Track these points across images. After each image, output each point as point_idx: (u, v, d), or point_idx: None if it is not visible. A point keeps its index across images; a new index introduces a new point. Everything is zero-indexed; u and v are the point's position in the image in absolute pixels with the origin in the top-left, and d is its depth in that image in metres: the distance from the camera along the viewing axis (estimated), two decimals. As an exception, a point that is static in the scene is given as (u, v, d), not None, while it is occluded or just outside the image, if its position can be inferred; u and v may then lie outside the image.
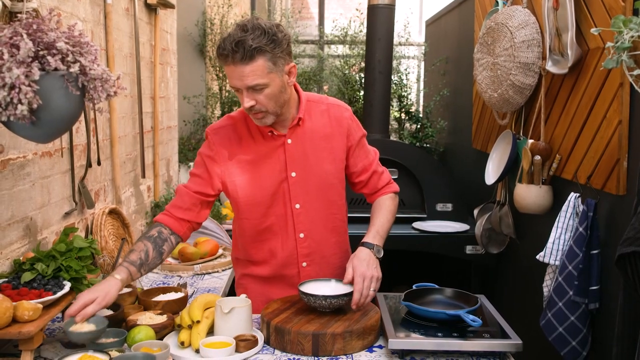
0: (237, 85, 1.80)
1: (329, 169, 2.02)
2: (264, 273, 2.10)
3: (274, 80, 1.80)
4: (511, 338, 1.72)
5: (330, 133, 2.02)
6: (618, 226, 2.05)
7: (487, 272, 3.64)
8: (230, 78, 1.81)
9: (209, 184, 1.99)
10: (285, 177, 1.98)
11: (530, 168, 2.55)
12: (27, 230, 1.99)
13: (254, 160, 1.98)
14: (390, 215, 2.10)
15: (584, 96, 2.27)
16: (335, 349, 1.74)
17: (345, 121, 2.05)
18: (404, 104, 4.97)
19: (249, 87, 1.78)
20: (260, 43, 1.73)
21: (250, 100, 1.80)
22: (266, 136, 1.97)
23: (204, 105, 4.91)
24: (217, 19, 4.94)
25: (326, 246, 2.09)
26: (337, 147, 2.03)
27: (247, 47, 1.72)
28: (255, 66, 1.75)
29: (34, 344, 1.58)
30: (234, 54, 1.73)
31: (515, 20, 2.64)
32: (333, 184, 2.03)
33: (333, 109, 2.05)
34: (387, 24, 3.85)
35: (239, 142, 1.98)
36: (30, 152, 1.99)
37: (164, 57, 3.57)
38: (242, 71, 1.75)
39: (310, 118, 2.01)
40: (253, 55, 1.73)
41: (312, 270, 2.08)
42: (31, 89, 1.35)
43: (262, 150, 1.98)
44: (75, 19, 2.29)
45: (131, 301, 2.03)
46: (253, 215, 2.02)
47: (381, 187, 2.14)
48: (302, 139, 1.99)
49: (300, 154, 1.99)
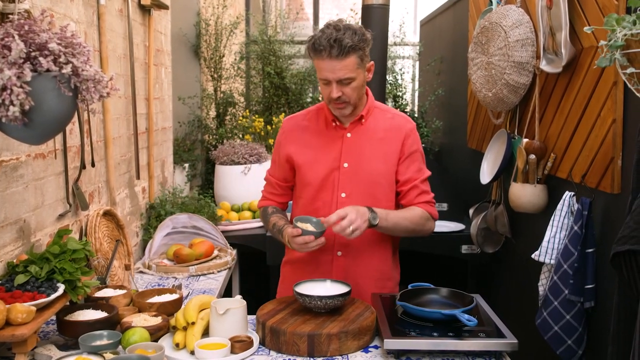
0: (328, 77, 2.00)
1: (379, 167, 2.12)
2: (302, 256, 2.17)
3: (360, 75, 2.03)
4: (507, 337, 1.72)
5: (388, 137, 2.15)
6: (613, 225, 2.05)
7: (483, 272, 3.64)
8: (322, 71, 2.00)
9: (284, 167, 2.22)
10: (337, 167, 2.12)
11: (525, 167, 2.55)
12: (20, 232, 1.98)
13: (315, 145, 2.16)
14: (408, 218, 2.12)
15: (578, 95, 2.28)
16: (330, 350, 1.74)
17: (405, 130, 2.17)
18: (399, 104, 4.97)
19: (340, 79, 1.98)
20: (354, 42, 1.95)
21: (338, 92, 2.01)
22: (330, 126, 2.16)
23: (199, 106, 4.90)
24: (211, 20, 4.93)
25: (364, 241, 2.13)
26: (390, 152, 2.14)
27: (344, 45, 1.93)
28: (348, 62, 1.97)
29: (28, 346, 1.57)
30: (330, 49, 1.94)
31: (509, 19, 2.64)
32: (381, 183, 2.11)
33: (398, 118, 2.21)
34: (381, 24, 3.84)
35: (306, 128, 2.20)
36: (23, 154, 1.98)
37: (158, 58, 3.56)
38: (335, 65, 1.96)
39: (373, 120, 2.17)
40: (348, 53, 1.95)
41: (345, 261, 2.14)
42: (23, 90, 1.34)
43: (323, 138, 2.16)
44: (68, 20, 2.28)
45: (126, 303, 2.02)
46: (305, 195, 2.17)
47: (417, 203, 2.17)
48: (361, 135, 2.14)
49: (356, 148, 2.13)
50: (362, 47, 1.99)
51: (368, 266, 2.15)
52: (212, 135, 4.85)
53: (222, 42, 4.91)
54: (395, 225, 2.08)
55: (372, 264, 2.16)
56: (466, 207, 3.54)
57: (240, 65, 5.16)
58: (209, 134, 4.88)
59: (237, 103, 5.05)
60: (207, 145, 4.82)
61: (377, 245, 2.17)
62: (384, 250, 2.20)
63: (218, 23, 4.89)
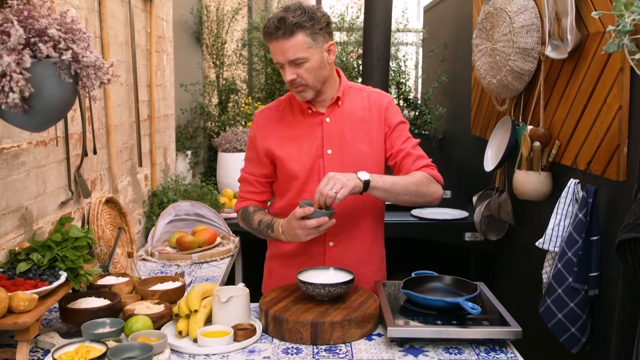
0: (279, 60, 1.95)
1: (364, 149, 2.06)
2: (291, 249, 2.12)
3: (314, 55, 1.94)
4: (510, 325, 1.71)
5: (368, 117, 2.09)
6: (618, 212, 2.04)
7: (487, 259, 3.64)
8: (274, 54, 1.96)
9: (264, 163, 2.13)
10: (321, 154, 2.06)
11: (530, 154, 2.53)
12: (22, 220, 1.97)
13: (293, 136, 2.08)
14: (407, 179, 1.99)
15: (584, 81, 2.25)
16: (334, 338, 1.73)
17: (384, 105, 2.11)
18: (402, 91, 4.94)
19: (290, 61, 1.93)
20: (299, 19, 1.90)
21: (292, 74, 1.95)
22: (306, 113, 2.08)
23: (201, 93, 4.88)
24: (212, 6, 4.89)
25: (356, 229, 2.10)
26: (374, 130, 2.08)
27: (288, 23, 1.89)
28: (295, 41, 1.91)
29: (30, 334, 1.57)
30: (276, 30, 1.90)
31: (514, 5, 2.62)
32: (367, 164, 2.03)
33: (374, 95, 2.14)
34: (384, 10, 3.81)
35: (281, 119, 2.11)
36: (24, 141, 1.97)
37: (160, 45, 3.54)
38: (283, 46, 1.91)
39: (350, 101, 2.10)
40: (293, 31, 1.90)
41: (337, 251, 2.09)
42: (22, 77, 1.33)
43: (301, 127, 2.08)
44: (68, 6, 2.26)
45: (128, 290, 2.02)
46: (291, 188, 2.09)
47: (416, 169, 2.06)
48: (340, 118, 2.07)
49: (337, 133, 2.06)
50: (311, 25, 1.91)
51: (359, 252, 2.11)
52: (215, 123, 4.84)
53: (224, 29, 4.88)
54: (393, 184, 1.93)
55: (363, 250, 2.12)
56: (470, 195, 3.53)
57: (242, 52, 5.13)
58: (211, 121, 4.86)
59: (240, 90, 5.03)
60: (209, 132, 4.81)
61: (368, 231, 2.12)
62: (375, 234, 2.15)
63: (219, 9, 4.85)
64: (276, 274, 2.19)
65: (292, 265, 2.10)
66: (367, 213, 2.11)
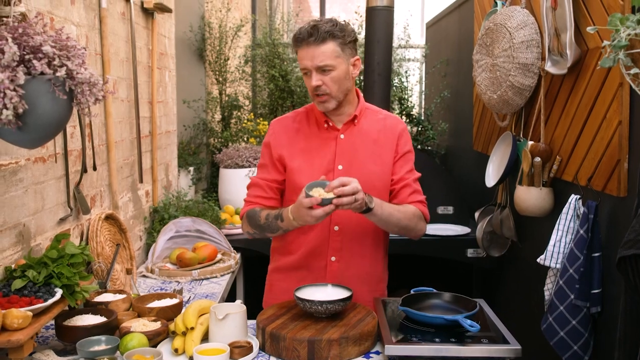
0: (307, 65, 1.99)
1: (374, 169, 2.09)
2: (293, 262, 2.12)
3: (341, 65, 2.00)
4: (510, 343, 1.69)
5: (381, 139, 2.13)
6: (619, 228, 2.02)
7: (489, 276, 3.61)
8: (302, 59, 2.00)
9: (277, 168, 2.14)
10: (332, 169, 2.08)
11: (531, 170, 2.52)
12: (20, 236, 1.97)
13: (308, 148, 2.11)
14: (402, 212, 2.05)
15: (584, 97, 2.24)
16: (331, 355, 1.71)
17: (397, 131, 2.15)
18: (404, 107, 4.95)
19: (318, 66, 1.97)
20: (332, 29, 1.97)
21: (317, 80, 1.99)
22: (322, 127, 2.12)
23: (204, 110, 4.89)
24: (215, 22, 4.92)
25: (358, 245, 2.11)
26: (385, 154, 2.12)
27: (321, 31, 1.96)
28: (326, 48, 1.97)
29: (24, 352, 1.56)
30: (308, 36, 1.96)
31: (514, 20, 2.62)
32: (375, 185, 2.07)
33: (390, 119, 2.19)
34: (386, 26, 3.82)
35: (297, 130, 2.14)
36: (22, 157, 1.97)
37: (161, 62, 3.56)
38: (314, 52, 1.97)
39: (366, 121, 2.14)
40: (325, 38, 1.96)
41: (339, 266, 2.09)
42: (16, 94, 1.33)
43: (316, 140, 2.12)
44: (69, 23, 2.27)
45: (125, 308, 2.01)
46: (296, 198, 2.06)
47: (410, 202, 2.13)
48: (354, 136, 2.11)
49: (349, 150, 2.09)
50: (342, 35, 1.98)
51: (361, 270, 2.12)
52: (217, 139, 4.84)
53: (227, 45, 4.91)
54: (389, 215, 1.99)
55: (364, 268, 2.13)
56: (472, 211, 3.51)
57: (245, 69, 5.15)
58: (214, 137, 4.87)
59: (242, 106, 5.04)
60: (212, 148, 4.81)
61: (370, 249, 2.14)
62: (376, 253, 2.17)
63: (222, 26, 4.88)
64: (277, 288, 2.19)
65: (293, 279, 2.11)
66: (371, 231, 2.12)
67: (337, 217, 2.07)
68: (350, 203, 1.83)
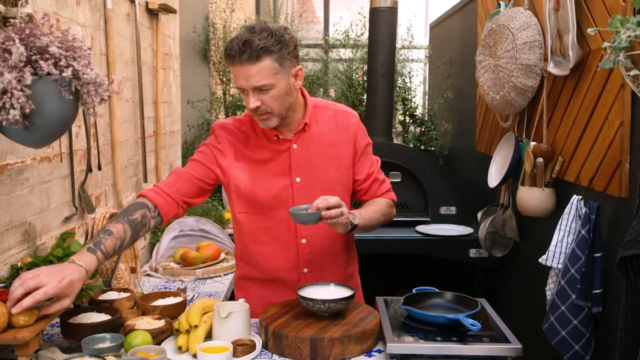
0: (243, 85, 1.81)
1: (334, 175, 2.01)
2: (264, 274, 2.07)
3: (280, 81, 1.82)
4: (511, 342, 1.70)
5: (337, 139, 2.02)
6: (621, 229, 2.03)
7: (491, 276, 3.62)
8: (237, 78, 1.82)
9: (212, 172, 1.99)
10: (289, 183, 1.97)
11: (533, 170, 2.53)
12: (25, 235, 1.99)
13: (258, 161, 1.97)
14: (378, 211, 2.04)
15: (586, 98, 2.25)
16: (333, 354, 1.73)
17: (352, 128, 2.05)
18: (407, 107, 4.96)
19: (255, 87, 1.80)
20: (267, 43, 1.76)
21: (255, 101, 1.82)
22: (272, 140, 1.97)
23: (208, 110, 4.92)
24: (219, 23, 4.94)
25: (329, 253, 2.07)
26: (343, 154, 2.02)
27: (254, 47, 1.74)
28: (262, 66, 1.77)
29: (30, 349, 1.57)
30: (241, 54, 1.76)
31: (516, 21, 2.63)
32: (338, 190, 1.98)
33: (340, 115, 2.05)
34: (389, 27, 3.84)
35: (246, 141, 1.99)
36: (28, 157, 1.99)
37: (166, 62, 3.58)
38: (248, 71, 1.77)
39: (316, 124, 2.01)
40: (260, 55, 1.76)
41: (313, 276, 2.05)
42: (23, 94, 1.35)
43: (267, 153, 1.97)
44: (74, 24, 2.29)
45: (130, 306, 2.02)
46: (252, 211, 2.00)
47: (380, 194, 2.12)
48: (308, 144, 1.98)
49: (305, 159, 1.98)
50: (279, 49, 1.78)
51: (334, 274, 2.07)
52: (221, 139, 4.85)
53: (231, 46, 4.92)
54: (369, 221, 1.97)
55: (338, 271, 2.09)
56: (474, 211, 3.52)
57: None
58: (218, 138, 4.88)
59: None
60: (216, 148, 4.83)
61: (340, 252, 2.10)
62: (348, 254, 2.14)
63: (226, 27, 4.90)
64: (253, 294, 2.09)
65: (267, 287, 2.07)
66: (337, 239, 2.08)
67: (303, 230, 1.99)
68: (337, 216, 1.77)
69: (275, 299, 2.02)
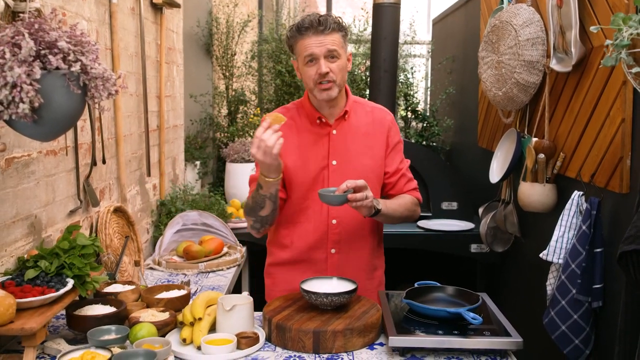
0: (315, 52, 1.99)
1: (367, 163, 2.14)
2: (293, 255, 2.16)
3: (343, 56, 2.04)
4: (512, 336, 1.72)
5: (372, 132, 2.16)
6: (621, 224, 2.04)
7: (492, 271, 3.64)
8: (308, 47, 2.00)
9: None
10: (326, 165, 2.11)
11: (534, 166, 2.54)
12: (31, 227, 2.01)
13: (301, 144, 2.13)
14: (402, 205, 2.16)
15: (588, 94, 2.27)
16: (336, 347, 1.75)
17: (387, 123, 2.20)
18: (409, 102, 4.97)
19: (328, 50, 1.99)
20: (337, 22, 2.04)
21: (326, 67, 2.00)
22: (314, 123, 2.13)
23: (211, 104, 4.93)
24: (222, 18, 4.95)
25: (356, 237, 2.16)
26: (376, 146, 2.16)
27: (330, 21, 2.01)
28: (334, 37, 2.01)
29: (37, 340, 1.60)
30: (317, 25, 1.99)
31: (519, 18, 2.64)
32: (369, 177, 2.09)
33: (377, 112, 2.22)
34: (392, 23, 3.85)
35: (290, 126, 2.13)
36: (34, 150, 2.01)
37: (170, 56, 3.59)
38: (323, 39, 1.99)
39: (355, 116, 2.17)
40: (333, 29, 2.01)
41: (339, 258, 2.14)
42: (32, 88, 1.36)
43: (309, 136, 2.13)
44: (80, 18, 2.31)
45: (134, 298, 2.04)
46: (294, 195, 2.13)
47: (406, 190, 2.22)
48: (346, 131, 2.14)
49: (342, 145, 2.12)
50: (344, 29, 2.05)
51: (359, 260, 2.17)
52: (224, 133, 4.88)
53: (234, 41, 4.94)
54: (393, 212, 2.10)
55: (363, 258, 2.18)
56: (476, 206, 3.53)
57: (251, 64, 5.18)
58: (220, 132, 4.91)
59: (249, 101, 5.08)
60: (218, 142, 4.85)
61: (367, 238, 2.19)
62: (374, 242, 2.22)
63: (229, 21, 4.91)
64: (279, 279, 2.21)
65: (295, 271, 2.15)
66: (367, 222, 2.16)
67: (334, 211, 2.11)
68: (362, 199, 1.91)
69: None
